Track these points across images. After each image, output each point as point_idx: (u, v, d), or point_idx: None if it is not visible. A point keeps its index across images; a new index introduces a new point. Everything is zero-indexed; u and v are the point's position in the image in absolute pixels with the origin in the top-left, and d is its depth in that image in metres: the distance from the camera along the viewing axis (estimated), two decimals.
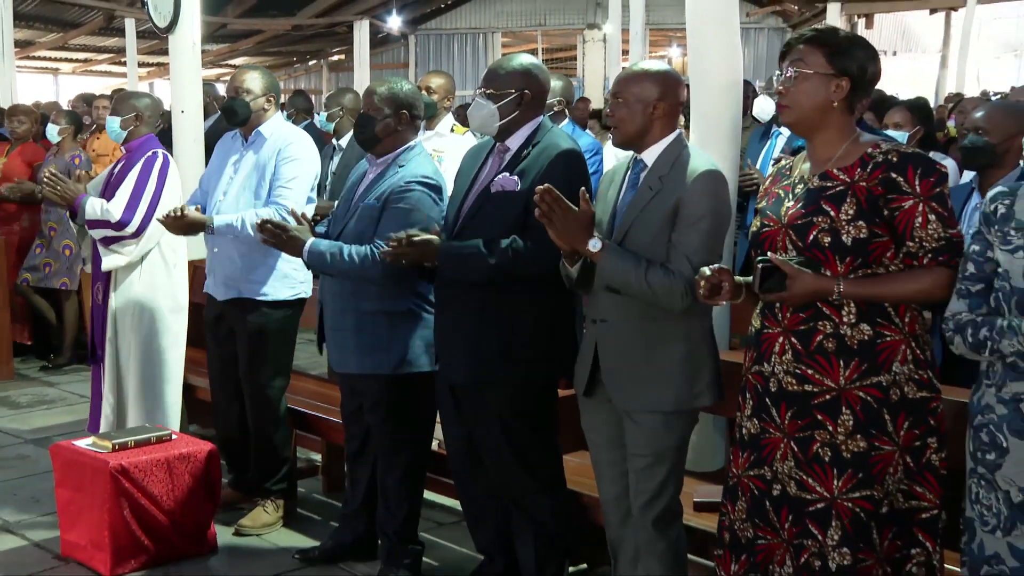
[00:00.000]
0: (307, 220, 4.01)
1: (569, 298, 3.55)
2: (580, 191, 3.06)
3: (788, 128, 2.95)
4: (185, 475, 4.26)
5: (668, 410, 3.15)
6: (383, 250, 3.59)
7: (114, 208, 4.78)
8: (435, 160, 5.11)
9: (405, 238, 3.50)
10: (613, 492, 3.34)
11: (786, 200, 2.85)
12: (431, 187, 3.85)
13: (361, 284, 3.87)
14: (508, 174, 3.52)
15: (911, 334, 2.74)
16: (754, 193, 4.91)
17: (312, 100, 10.48)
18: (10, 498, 5.01)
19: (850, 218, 2.70)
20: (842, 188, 2.74)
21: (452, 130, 5.46)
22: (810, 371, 2.76)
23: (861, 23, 17.88)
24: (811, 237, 2.73)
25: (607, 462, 3.34)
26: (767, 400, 2.84)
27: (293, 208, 4.18)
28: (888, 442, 2.72)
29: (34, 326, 7.81)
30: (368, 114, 3.97)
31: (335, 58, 25.59)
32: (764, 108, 5.95)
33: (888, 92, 8.66)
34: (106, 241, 4.86)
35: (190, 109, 5.96)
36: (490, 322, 3.51)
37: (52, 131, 7.43)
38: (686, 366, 3.13)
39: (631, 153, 3.27)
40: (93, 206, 4.81)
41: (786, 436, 2.81)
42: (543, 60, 3.43)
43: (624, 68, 3.39)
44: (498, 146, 3.64)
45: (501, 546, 3.83)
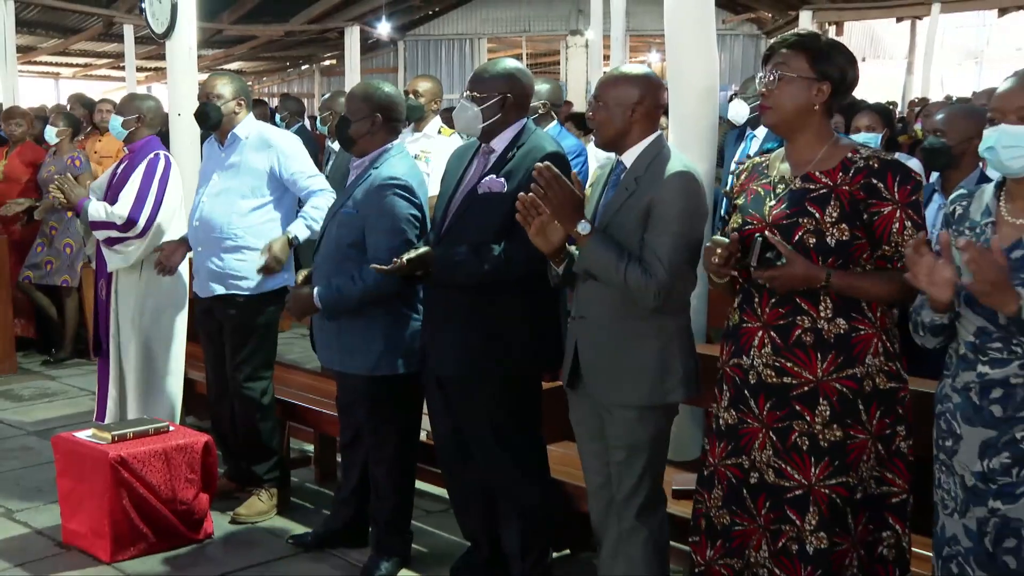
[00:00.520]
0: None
1: (554, 295, 3.54)
2: (572, 174, 3.06)
3: (770, 129, 2.93)
4: (182, 465, 4.25)
5: (640, 404, 3.13)
6: (380, 268, 3.54)
7: (119, 210, 4.81)
8: (422, 161, 5.12)
9: (403, 263, 3.48)
10: (596, 482, 3.33)
11: (768, 199, 2.84)
12: (401, 187, 3.78)
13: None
14: (495, 176, 3.51)
15: (882, 328, 2.76)
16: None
17: (304, 103, 10.46)
18: (13, 488, 5.00)
19: (834, 220, 2.71)
20: (825, 191, 2.74)
21: (439, 132, 5.45)
22: (789, 364, 2.76)
23: (832, 30, 17.88)
24: (796, 237, 2.73)
25: (590, 452, 3.33)
26: (745, 392, 2.84)
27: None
28: (862, 431, 2.74)
29: (36, 322, 7.78)
30: (344, 116, 3.96)
31: (327, 63, 25.49)
32: (739, 111, 5.93)
33: (857, 96, 8.65)
34: (109, 242, 4.89)
35: (186, 112, 5.93)
36: (478, 318, 3.50)
37: (50, 133, 7.41)
38: (658, 362, 3.10)
39: (610, 155, 3.26)
40: (96, 208, 4.84)
41: (764, 426, 2.81)
42: (527, 65, 3.41)
43: (605, 72, 3.38)
44: (483, 147, 3.62)
45: (487, 533, 3.82)
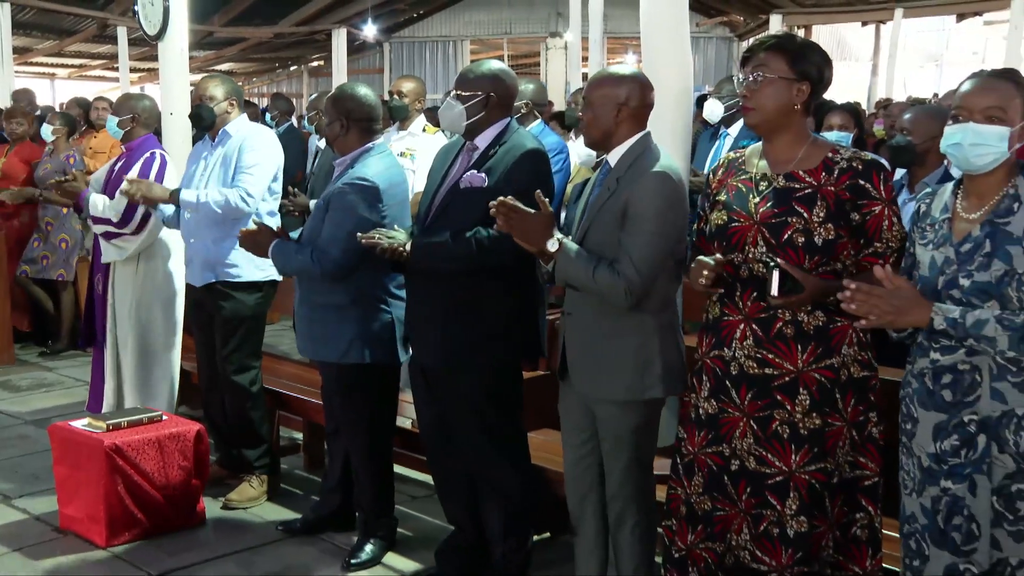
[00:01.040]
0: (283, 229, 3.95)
1: (535, 286, 3.53)
2: (536, 193, 3.02)
3: (752, 129, 2.88)
4: (175, 453, 4.24)
5: (619, 400, 3.10)
6: (364, 237, 3.51)
7: (116, 206, 4.81)
8: (408, 158, 5.10)
9: (387, 246, 3.47)
10: (574, 471, 3.32)
11: (751, 195, 2.81)
12: (365, 189, 3.74)
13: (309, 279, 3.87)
14: (476, 171, 3.49)
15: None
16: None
17: (293, 103, 10.42)
18: (11, 475, 4.97)
19: (821, 220, 2.70)
20: (810, 191, 2.73)
21: (424, 130, 5.43)
22: (771, 355, 2.76)
23: (800, 33, 17.95)
24: (785, 236, 2.72)
25: (569, 443, 3.32)
26: (727, 382, 2.83)
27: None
28: (839, 418, 2.75)
29: (33, 315, 7.74)
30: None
31: (315, 64, 25.41)
32: (713, 110, 5.90)
33: (825, 97, 8.65)
34: (107, 235, 4.93)
35: (179, 111, 5.89)
36: (460, 309, 3.48)
37: (47, 131, 7.39)
38: (637, 359, 3.07)
39: (591, 153, 3.23)
40: (95, 202, 4.87)
41: (745, 415, 2.80)
42: (509, 66, 3.37)
43: (584, 72, 3.36)
44: (467, 145, 3.60)
45: (470, 517, 3.80)
